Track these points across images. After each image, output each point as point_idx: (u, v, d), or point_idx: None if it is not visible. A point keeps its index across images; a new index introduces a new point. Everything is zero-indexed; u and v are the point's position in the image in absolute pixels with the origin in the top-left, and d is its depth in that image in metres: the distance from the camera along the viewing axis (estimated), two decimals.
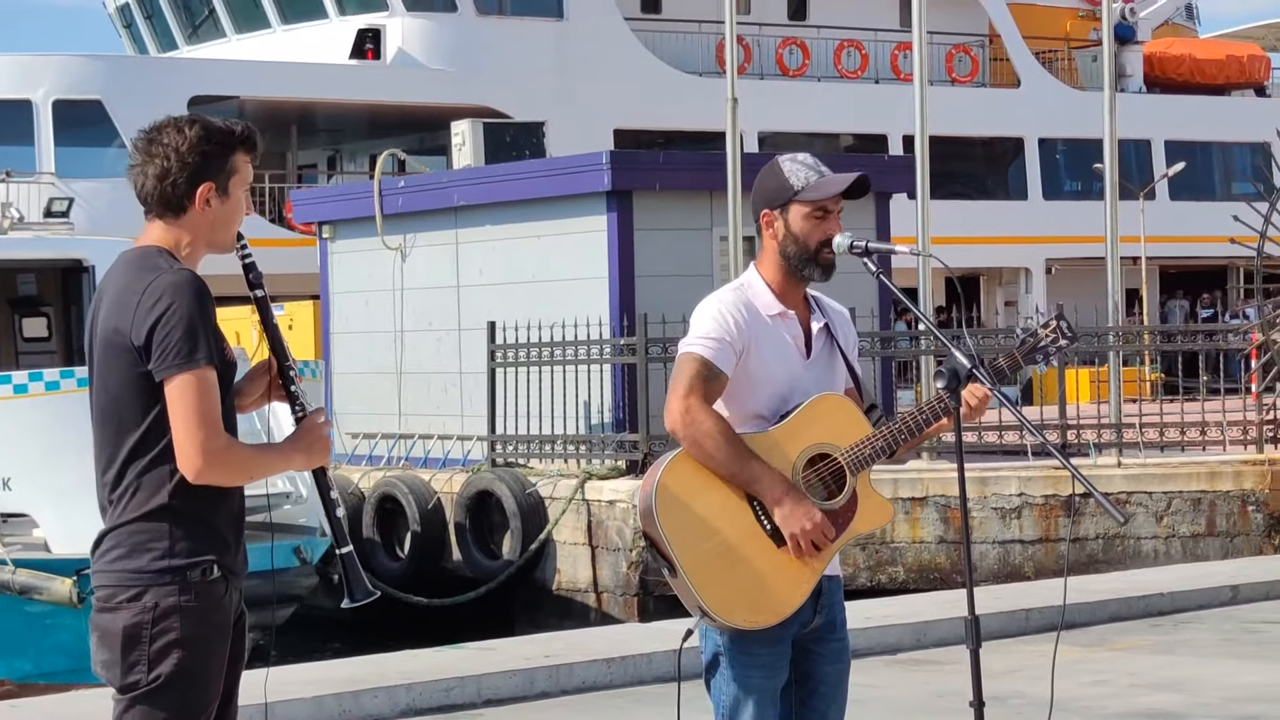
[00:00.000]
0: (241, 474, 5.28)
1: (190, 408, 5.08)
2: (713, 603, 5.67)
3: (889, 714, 10.46)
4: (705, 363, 5.69)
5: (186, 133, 5.28)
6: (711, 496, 5.72)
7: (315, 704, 10.91)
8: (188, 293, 5.14)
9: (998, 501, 19.94)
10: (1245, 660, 12.55)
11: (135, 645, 5.17)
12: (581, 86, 44.04)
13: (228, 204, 5.40)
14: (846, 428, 5.83)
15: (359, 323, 26.19)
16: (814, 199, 5.76)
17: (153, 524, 5.19)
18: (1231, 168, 53.00)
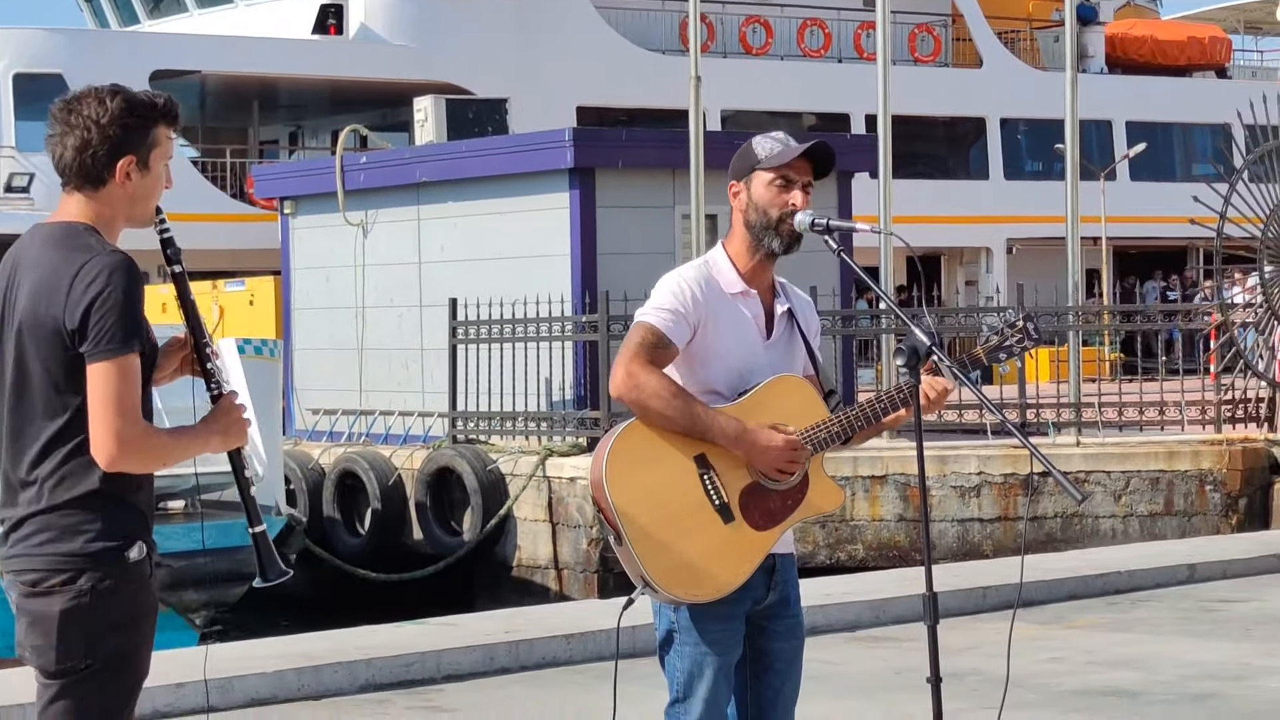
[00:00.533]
0: (156, 461, 5.22)
1: (111, 394, 5.03)
2: (654, 573, 5.65)
3: (847, 690, 10.49)
4: (655, 331, 5.68)
5: (108, 104, 5.19)
6: (661, 468, 5.71)
7: (275, 679, 10.90)
8: (124, 276, 5.09)
9: (957, 480, 20.00)
10: (1202, 639, 12.59)
11: (72, 629, 5.14)
12: (544, 63, 44.01)
13: (148, 178, 5.29)
14: (803, 410, 5.82)
15: (320, 298, 26.16)
16: (774, 165, 5.77)
17: (84, 507, 5.14)
18: (1192, 149, 53.14)
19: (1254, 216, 22.05)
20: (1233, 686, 10.83)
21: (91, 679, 5.18)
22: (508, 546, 21.27)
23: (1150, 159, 49.90)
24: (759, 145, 5.83)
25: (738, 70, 45.88)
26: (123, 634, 5.19)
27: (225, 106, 46.14)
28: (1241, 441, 20.96)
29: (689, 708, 5.85)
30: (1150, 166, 50.11)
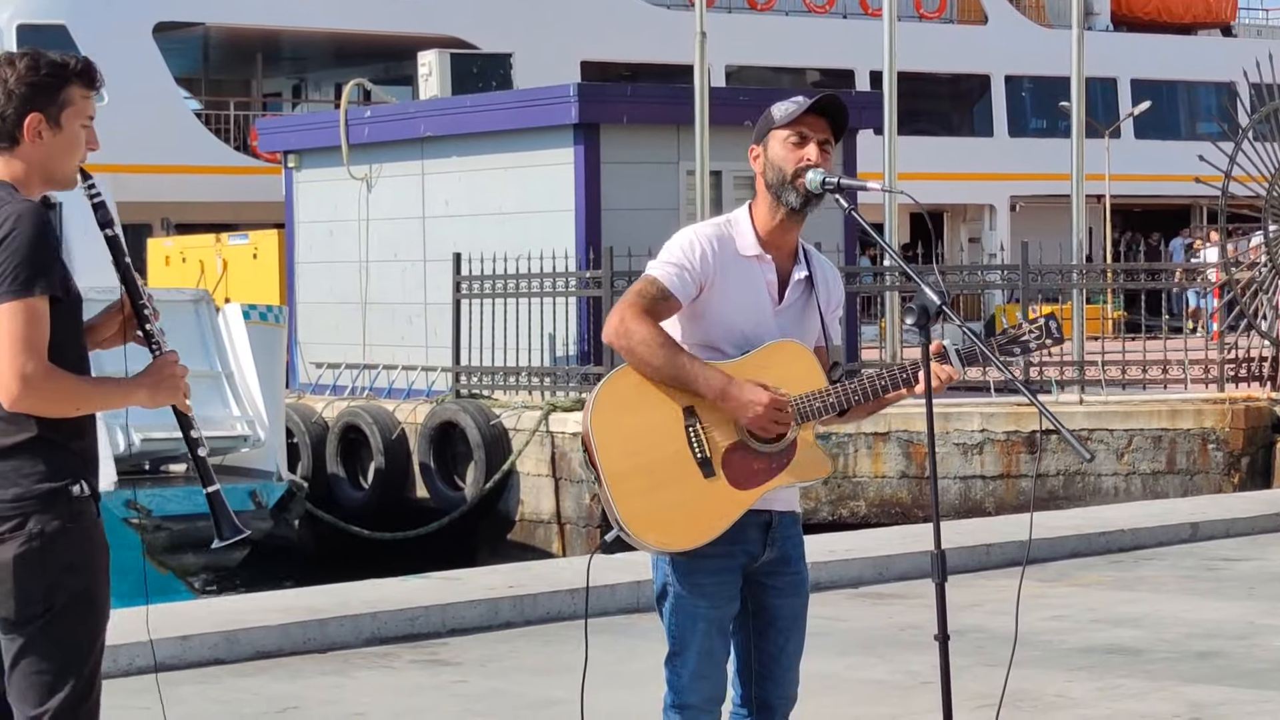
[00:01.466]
0: (65, 403, 5.18)
1: (15, 334, 5.02)
2: (626, 516, 5.63)
3: (853, 646, 10.51)
4: (656, 283, 5.64)
5: (16, 64, 5.23)
6: (647, 415, 5.68)
7: (281, 632, 10.93)
8: (29, 221, 5.10)
9: (960, 437, 20.02)
10: (1204, 597, 12.61)
11: (28, 574, 5.14)
12: (549, 18, 43.93)
13: (60, 136, 5.27)
14: (801, 377, 5.74)
15: (324, 252, 26.16)
16: (787, 122, 5.75)
17: (24, 452, 5.16)
18: (1197, 107, 53.09)
19: (1259, 175, 22.05)
20: (1236, 645, 10.84)
21: (55, 622, 5.19)
22: (510, 501, 21.30)
23: (1155, 117, 49.85)
24: (776, 108, 5.78)
25: (743, 26, 45.78)
26: (79, 574, 5.19)
27: (228, 59, 46.10)
28: (1244, 400, 20.98)
29: (685, 660, 5.85)
30: (1155, 125, 50.08)
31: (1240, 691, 9.53)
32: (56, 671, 5.21)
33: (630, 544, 5.74)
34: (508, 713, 9.34)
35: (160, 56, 41.41)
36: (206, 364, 17.91)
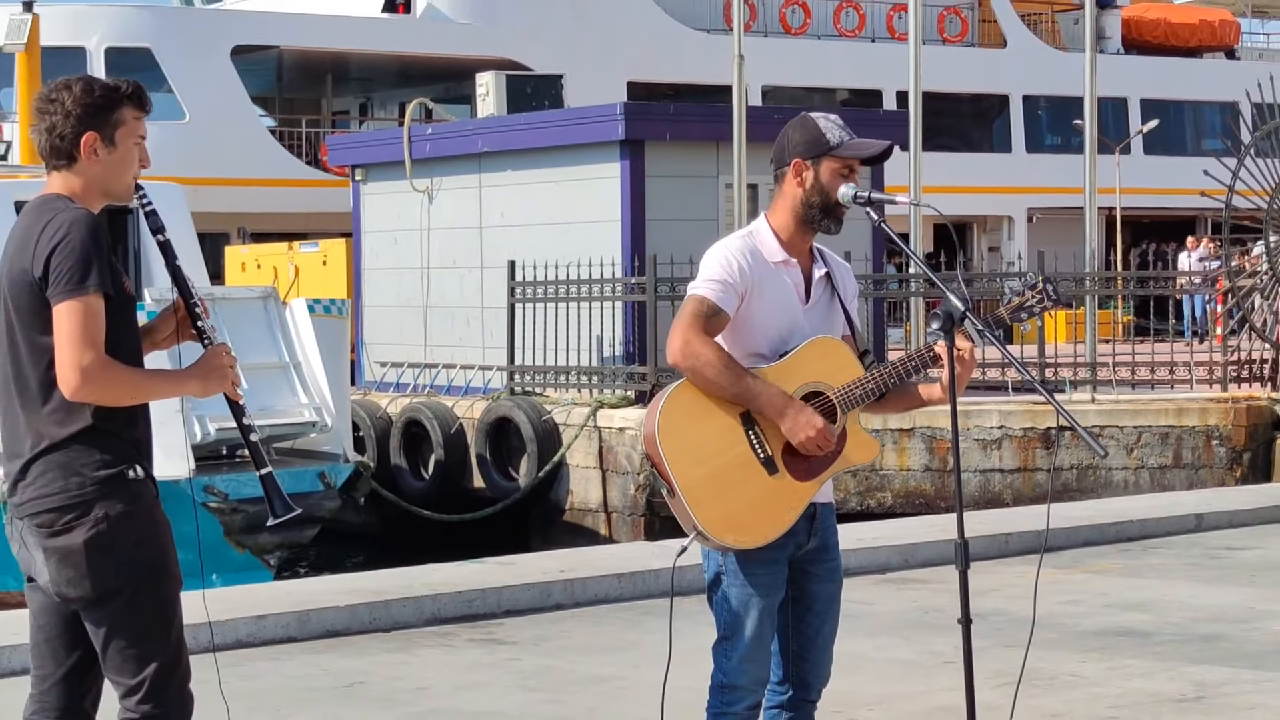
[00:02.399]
0: (121, 393, 5.21)
1: (74, 329, 5.06)
2: (705, 522, 5.66)
3: (879, 629, 10.50)
4: (707, 301, 5.66)
5: (73, 89, 5.29)
6: (710, 424, 5.70)
7: (349, 613, 10.96)
8: (82, 226, 5.15)
9: (979, 433, 19.99)
10: (1208, 584, 12.58)
11: (100, 557, 5.16)
12: (597, 41, 43.95)
13: (115, 153, 5.34)
14: (839, 369, 5.80)
15: (388, 259, 26.22)
16: (847, 156, 5.74)
17: (81, 442, 5.18)
18: (1202, 125, 52.90)
19: (1260, 189, 21.99)
20: (1238, 629, 10.81)
21: (134, 598, 5.22)
22: (561, 491, 21.32)
23: (1162, 134, 49.69)
24: (828, 130, 5.74)
25: (778, 49, 45.75)
26: (147, 549, 5.23)
27: (300, 79, 46.21)
28: (1246, 400, 20.92)
29: (735, 645, 5.86)
30: (1163, 141, 49.89)
31: (1242, 672, 9.51)
32: (144, 643, 5.24)
33: (705, 548, 5.78)
34: (558, 688, 9.34)
35: (238, 77, 41.54)
36: (274, 355, 17.90)
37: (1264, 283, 22.52)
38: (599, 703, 8.96)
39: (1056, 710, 8.56)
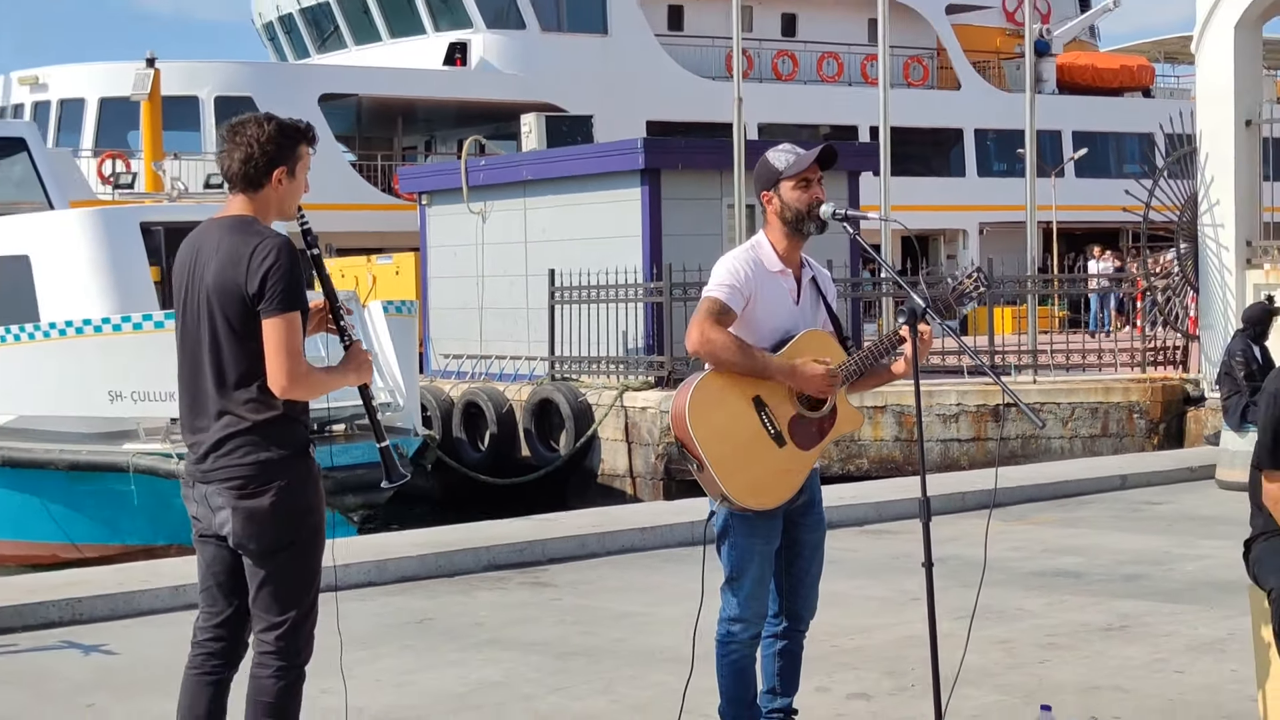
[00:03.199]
0: (316, 391, 5.35)
1: (283, 341, 5.18)
2: (734, 492, 5.78)
3: (857, 572, 10.52)
4: (718, 302, 5.82)
5: (265, 127, 5.36)
6: (728, 409, 5.81)
7: (419, 561, 11.01)
8: (288, 253, 5.25)
9: (940, 409, 19.99)
10: (1131, 533, 12.59)
11: (279, 517, 5.28)
12: (621, 87, 43.90)
13: (294, 183, 5.45)
14: (825, 354, 5.93)
15: (449, 269, 26.26)
16: (795, 174, 5.89)
17: (271, 426, 5.29)
18: (1123, 153, 52.67)
19: (1172, 205, 21.93)
20: (1156, 569, 10.83)
21: (297, 553, 5.35)
22: (594, 460, 21.36)
23: (1090, 161, 49.54)
24: (775, 159, 5.96)
25: (771, 92, 45.66)
26: (313, 514, 5.37)
27: (376, 121, 46.18)
28: (1161, 380, 20.95)
29: (741, 585, 5.93)
30: (1091, 166, 49.71)
31: (1160, 605, 9.54)
32: (294, 590, 5.37)
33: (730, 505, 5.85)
34: (593, 622, 9.37)
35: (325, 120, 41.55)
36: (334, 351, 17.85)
37: (1175, 283, 22.50)
38: (626, 634, 8.99)
39: (1004, 638, 8.59)
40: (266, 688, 5.34)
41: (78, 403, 18.12)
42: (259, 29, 51.78)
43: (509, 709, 7.41)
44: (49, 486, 18.24)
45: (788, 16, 50.58)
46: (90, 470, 17.94)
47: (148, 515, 17.56)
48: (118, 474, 17.64)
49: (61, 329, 18.19)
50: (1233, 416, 14.62)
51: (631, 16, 46.29)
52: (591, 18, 45.94)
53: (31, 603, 9.52)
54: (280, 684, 5.34)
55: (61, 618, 9.49)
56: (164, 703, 7.59)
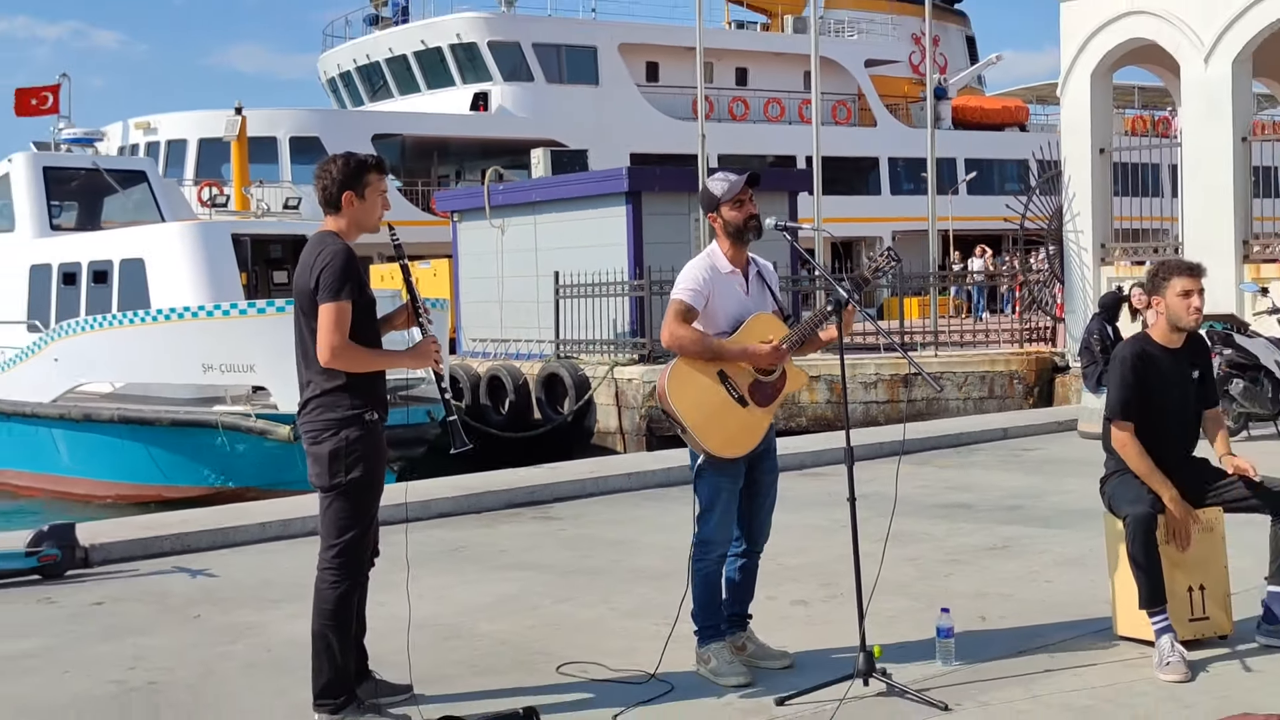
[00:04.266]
0: (356, 365, 5.39)
1: (330, 323, 5.30)
2: (713, 447, 5.86)
3: (800, 505, 10.54)
4: (683, 303, 5.91)
5: (337, 163, 5.52)
6: (699, 383, 5.88)
7: (453, 501, 11.03)
8: (340, 255, 5.37)
9: (862, 378, 20.02)
10: (1010, 473, 12.62)
11: (336, 461, 5.37)
12: (610, 127, 43.89)
13: (364, 204, 5.51)
14: (773, 332, 5.99)
15: (476, 271, 26.24)
16: (729, 198, 5.98)
17: (339, 391, 5.39)
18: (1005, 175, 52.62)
19: (1042, 215, 22.00)
20: (1031, 501, 10.87)
21: (346, 490, 5.41)
22: (590, 420, 21.37)
23: (979, 181, 49.59)
24: (714, 187, 6.07)
25: (728, 129, 45.65)
26: (363, 464, 5.39)
27: (417, 155, 46.05)
28: (1035, 353, 20.99)
29: (711, 515, 5.98)
30: (979, 186, 49.72)
31: (1034, 529, 9.57)
32: (343, 521, 5.43)
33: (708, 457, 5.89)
34: (590, 547, 9.38)
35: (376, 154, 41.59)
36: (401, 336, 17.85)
37: (1045, 278, 22.59)
38: (618, 556, 9.00)
39: (913, 556, 8.61)
40: (323, 594, 5.43)
41: (178, 373, 18.27)
42: (324, 83, 51.66)
43: (525, 616, 7.42)
44: (155, 439, 18.30)
45: (741, 69, 50.55)
46: (187, 426, 18.00)
47: (231, 462, 17.65)
48: (209, 429, 17.71)
49: (167, 314, 18.33)
50: (1090, 381, 14.67)
51: (617, 71, 46.31)
52: (586, 72, 45.96)
53: (149, 536, 9.54)
54: (334, 591, 5.42)
55: (173, 549, 9.51)
56: (252, 614, 7.63)
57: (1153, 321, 6.45)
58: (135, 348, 18.55)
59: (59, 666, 6.66)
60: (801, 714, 5.52)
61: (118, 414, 18.76)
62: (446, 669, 6.28)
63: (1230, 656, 6.12)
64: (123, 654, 6.85)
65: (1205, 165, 19.46)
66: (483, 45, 45.04)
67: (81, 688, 6.26)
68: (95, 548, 9.13)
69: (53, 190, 22.94)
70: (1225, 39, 19.28)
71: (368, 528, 5.48)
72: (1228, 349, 13.97)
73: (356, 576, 5.46)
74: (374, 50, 47.91)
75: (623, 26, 47.45)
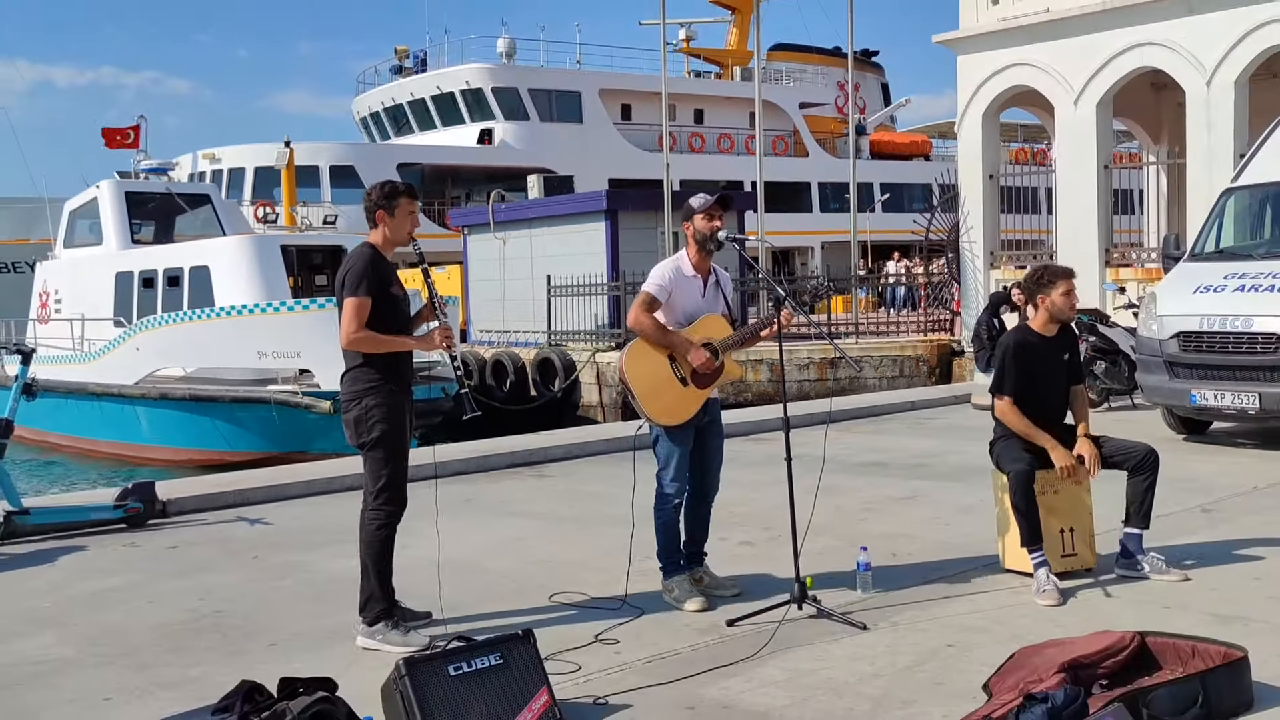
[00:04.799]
0: (372, 348, 5.35)
1: (349, 314, 5.31)
2: (653, 413, 5.84)
3: (746, 465, 10.56)
4: (649, 295, 5.89)
5: (375, 189, 5.53)
6: (651, 361, 5.85)
7: (464, 462, 10.98)
8: (363, 259, 5.38)
9: (798, 360, 20.05)
10: (917, 438, 12.63)
11: (360, 424, 5.40)
12: (592, 156, 43.79)
13: (394, 221, 5.50)
14: (720, 331, 5.99)
15: (482, 275, 26.16)
16: (704, 211, 5.92)
17: (361, 368, 5.40)
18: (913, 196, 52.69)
19: (943, 229, 22.08)
20: (935, 460, 10.88)
21: (373, 448, 5.43)
22: (576, 396, 21.35)
23: (893, 201, 49.73)
24: (694, 202, 6.05)
25: (688, 159, 45.63)
26: (382, 424, 5.38)
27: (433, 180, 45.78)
28: (937, 341, 21.05)
29: (669, 472, 5.97)
30: (893, 205, 49.83)
31: (936, 483, 9.59)
32: (380, 470, 5.45)
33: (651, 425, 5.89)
34: (576, 500, 9.38)
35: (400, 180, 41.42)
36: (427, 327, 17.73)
37: (946, 280, 22.65)
38: (598, 506, 9.00)
39: (839, 505, 8.61)
40: (369, 530, 5.45)
41: (238, 358, 18.25)
42: (357, 121, 51.31)
43: (524, 554, 7.42)
44: (219, 413, 18.29)
45: (698, 110, 50.42)
46: (246, 402, 18.00)
47: (283, 432, 17.63)
48: (264, 405, 17.70)
49: (228, 311, 18.32)
50: (980, 363, 14.73)
51: (598, 111, 46.18)
52: (572, 112, 45.82)
53: (215, 492, 9.49)
54: (376, 527, 5.44)
55: (235, 502, 9.46)
56: (301, 554, 7.61)
57: (1032, 315, 6.50)
58: (202, 338, 18.57)
59: (143, 598, 6.63)
60: (747, 632, 5.54)
61: (188, 393, 18.73)
62: (459, 598, 6.28)
63: (1094, 585, 6.17)
64: (194, 588, 6.82)
65: (1074, 188, 19.58)
66: (487, 90, 44.84)
67: (161, 616, 6.24)
68: (171, 501, 9.08)
69: (133, 211, 22.89)
70: (1091, 86, 19.37)
71: (401, 476, 5.48)
72: (1093, 336, 14.04)
73: (396, 516, 5.49)
74: (398, 94, 47.61)
75: (602, 75, 47.31)
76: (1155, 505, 6.35)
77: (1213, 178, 17.48)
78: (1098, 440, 6.34)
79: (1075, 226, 19.46)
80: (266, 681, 4.48)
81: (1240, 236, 11.37)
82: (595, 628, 5.65)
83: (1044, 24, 19.81)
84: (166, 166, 25.31)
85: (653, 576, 6.17)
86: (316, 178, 40.25)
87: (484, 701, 4.28)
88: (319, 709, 4.10)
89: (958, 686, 4.67)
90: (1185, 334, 10.46)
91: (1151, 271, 18.15)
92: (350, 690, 4.46)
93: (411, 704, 4.16)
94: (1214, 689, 4.19)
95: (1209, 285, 10.58)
